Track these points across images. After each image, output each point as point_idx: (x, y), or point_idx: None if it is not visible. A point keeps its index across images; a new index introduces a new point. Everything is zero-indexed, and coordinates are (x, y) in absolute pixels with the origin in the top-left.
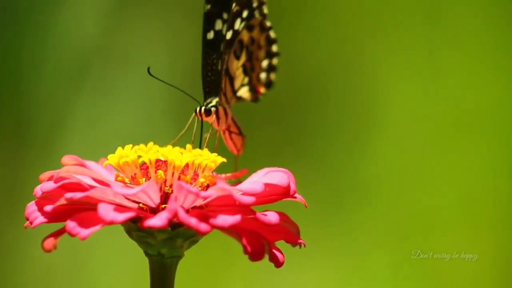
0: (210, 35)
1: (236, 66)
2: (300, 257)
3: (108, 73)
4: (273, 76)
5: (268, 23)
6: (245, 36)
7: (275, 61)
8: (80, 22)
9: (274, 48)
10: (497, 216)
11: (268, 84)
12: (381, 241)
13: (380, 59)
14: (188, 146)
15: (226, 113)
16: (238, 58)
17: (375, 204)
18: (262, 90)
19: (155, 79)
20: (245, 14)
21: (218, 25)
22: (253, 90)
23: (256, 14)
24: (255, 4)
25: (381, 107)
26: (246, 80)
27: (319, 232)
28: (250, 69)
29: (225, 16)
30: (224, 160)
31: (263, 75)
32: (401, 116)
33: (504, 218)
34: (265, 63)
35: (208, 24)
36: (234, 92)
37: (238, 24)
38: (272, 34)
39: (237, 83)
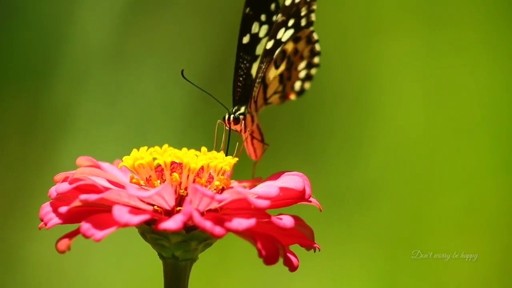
0: (246, 39)
1: (274, 74)
2: (300, 258)
3: (118, 76)
4: (307, 85)
5: (315, 36)
6: (289, 46)
7: (313, 71)
8: (92, 25)
9: (316, 60)
10: (497, 216)
11: (301, 92)
12: (381, 241)
13: (381, 61)
14: (203, 148)
15: (252, 120)
16: (277, 67)
17: (375, 204)
18: (293, 97)
19: (162, 83)
20: (290, 23)
21: (255, 28)
22: (284, 97)
23: (303, 21)
24: (303, 13)
25: (381, 108)
26: (280, 88)
27: (319, 232)
28: (286, 78)
29: (262, 17)
30: (237, 159)
31: (298, 84)
32: (402, 118)
33: (504, 218)
34: (303, 73)
35: (244, 27)
36: (266, 99)
37: (281, 33)
38: (317, 47)
39: (270, 91)
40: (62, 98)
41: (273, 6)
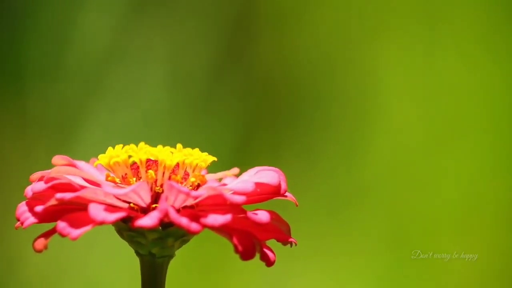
0: None
1: None
2: (298, 256)
3: (122, 77)
4: None
5: None
6: None
7: None
8: (98, 23)
9: None
10: (497, 216)
11: None
12: (380, 241)
13: (379, 59)
14: (179, 145)
15: None
16: None
17: (375, 204)
18: None
19: (167, 84)
20: None
21: None
22: None
23: None
24: None
25: (380, 107)
26: None
27: (319, 232)
28: None
29: None
30: (215, 159)
31: None
32: (401, 116)
33: (504, 218)
34: None
35: None
36: None
37: None
38: None
39: None
40: (67, 100)
41: None
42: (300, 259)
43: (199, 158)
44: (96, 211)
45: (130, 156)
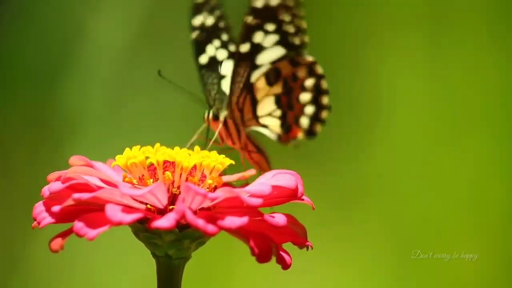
0: (204, 59)
1: (266, 91)
2: (303, 257)
3: (127, 78)
4: (318, 127)
5: (319, 70)
6: (285, 68)
7: (324, 114)
8: (106, 23)
9: (325, 100)
10: (497, 216)
11: (310, 132)
12: (381, 241)
13: (382, 59)
14: (196, 147)
15: (238, 130)
16: (270, 84)
17: (376, 204)
18: (300, 135)
19: (170, 87)
20: (270, 27)
21: (211, 50)
22: (287, 129)
23: (289, 28)
24: (286, 18)
25: (383, 107)
26: (279, 113)
27: (320, 232)
28: (286, 105)
29: (216, 43)
30: (232, 162)
31: (304, 121)
32: (404, 117)
33: (504, 218)
34: (310, 110)
35: (199, 50)
36: (256, 115)
37: (260, 37)
38: (324, 84)
39: (262, 108)
40: (72, 101)
41: (250, 17)
42: (303, 259)
43: (216, 160)
44: (113, 212)
45: (147, 157)
